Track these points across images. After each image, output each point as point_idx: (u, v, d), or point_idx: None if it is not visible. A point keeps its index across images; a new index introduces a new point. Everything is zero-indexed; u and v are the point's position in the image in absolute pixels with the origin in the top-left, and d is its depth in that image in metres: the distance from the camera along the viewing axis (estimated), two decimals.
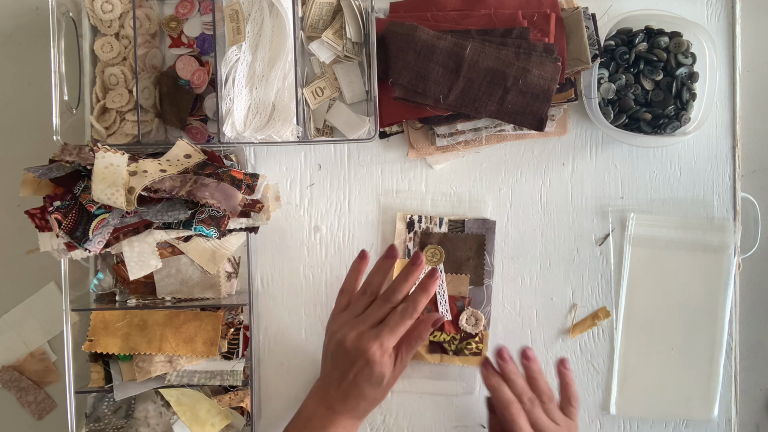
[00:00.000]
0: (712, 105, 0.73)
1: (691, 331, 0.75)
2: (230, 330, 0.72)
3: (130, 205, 0.61)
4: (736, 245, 0.75)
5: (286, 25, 0.68)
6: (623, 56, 0.73)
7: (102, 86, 0.71)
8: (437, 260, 0.74)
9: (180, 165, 0.65)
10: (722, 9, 0.76)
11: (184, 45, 0.74)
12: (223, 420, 0.70)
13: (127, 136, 0.71)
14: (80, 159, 0.63)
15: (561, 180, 0.76)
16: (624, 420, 0.76)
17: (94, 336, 0.69)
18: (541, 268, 0.76)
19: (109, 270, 0.72)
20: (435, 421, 0.75)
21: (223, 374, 0.69)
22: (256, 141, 0.68)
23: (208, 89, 0.73)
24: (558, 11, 0.71)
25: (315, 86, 0.73)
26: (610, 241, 0.76)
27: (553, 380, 0.75)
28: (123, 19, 0.71)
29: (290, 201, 0.75)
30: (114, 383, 0.69)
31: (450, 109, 0.70)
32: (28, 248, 0.67)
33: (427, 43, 0.68)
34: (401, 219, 0.75)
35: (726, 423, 0.76)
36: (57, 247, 0.64)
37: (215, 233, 0.65)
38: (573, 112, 0.75)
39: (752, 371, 0.78)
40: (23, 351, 0.76)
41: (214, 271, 0.71)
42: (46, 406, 0.77)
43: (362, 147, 0.75)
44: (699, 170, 0.76)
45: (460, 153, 0.75)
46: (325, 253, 0.75)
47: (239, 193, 0.65)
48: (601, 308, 0.76)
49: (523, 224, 0.76)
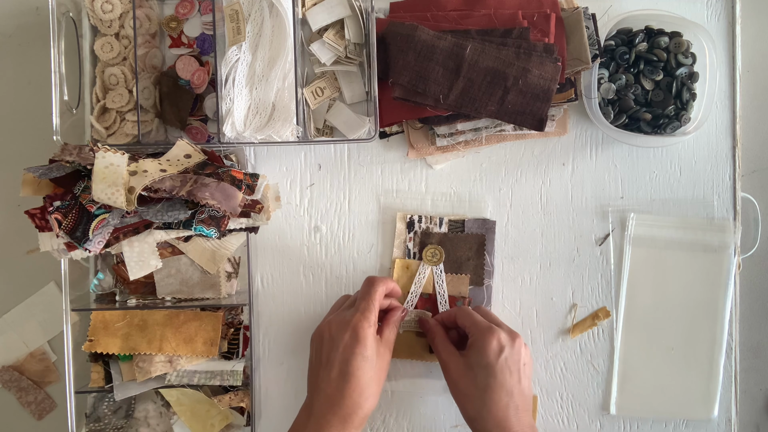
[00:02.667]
0: (712, 105, 0.73)
1: (691, 331, 0.75)
2: (230, 330, 0.72)
3: (130, 205, 0.61)
4: (736, 245, 0.75)
5: (286, 25, 0.68)
6: (623, 56, 0.73)
7: (102, 86, 0.71)
8: (437, 260, 0.74)
9: (180, 165, 0.65)
10: (722, 9, 0.76)
11: (184, 45, 0.74)
12: (223, 420, 0.70)
13: (127, 136, 0.71)
14: (80, 159, 0.63)
15: (561, 180, 0.76)
16: (624, 420, 0.76)
17: (94, 336, 0.69)
18: (541, 268, 0.76)
19: (109, 270, 0.72)
20: (435, 421, 0.75)
21: (223, 374, 0.69)
22: (256, 141, 0.68)
23: (208, 89, 0.73)
24: (558, 11, 0.71)
25: (315, 86, 0.73)
26: (610, 241, 0.76)
27: (553, 380, 0.76)
28: (123, 19, 0.71)
29: (290, 201, 0.75)
30: (114, 383, 0.69)
31: (450, 109, 0.70)
32: (28, 248, 0.67)
33: (427, 43, 0.69)
34: (401, 219, 0.75)
35: (726, 423, 0.76)
36: (57, 247, 0.64)
37: (215, 233, 0.65)
38: (573, 112, 0.75)
39: (752, 371, 0.78)
40: (23, 351, 0.76)
41: (214, 271, 0.71)
42: (46, 406, 0.77)
43: (362, 147, 0.75)
44: (699, 170, 0.76)
45: (460, 153, 0.75)
46: (325, 253, 0.75)
47: (239, 193, 0.65)
48: (601, 308, 0.76)
49: (523, 224, 0.76)
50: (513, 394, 0.62)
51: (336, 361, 0.62)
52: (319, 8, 0.71)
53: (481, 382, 0.63)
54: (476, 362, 0.64)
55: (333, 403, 0.61)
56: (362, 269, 0.75)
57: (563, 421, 0.76)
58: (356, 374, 0.61)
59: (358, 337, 0.62)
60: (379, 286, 0.65)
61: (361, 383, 0.61)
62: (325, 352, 0.63)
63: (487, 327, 0.65)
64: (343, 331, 0.62)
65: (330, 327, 0.64)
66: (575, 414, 0.76)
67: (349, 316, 0.63)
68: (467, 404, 0.64)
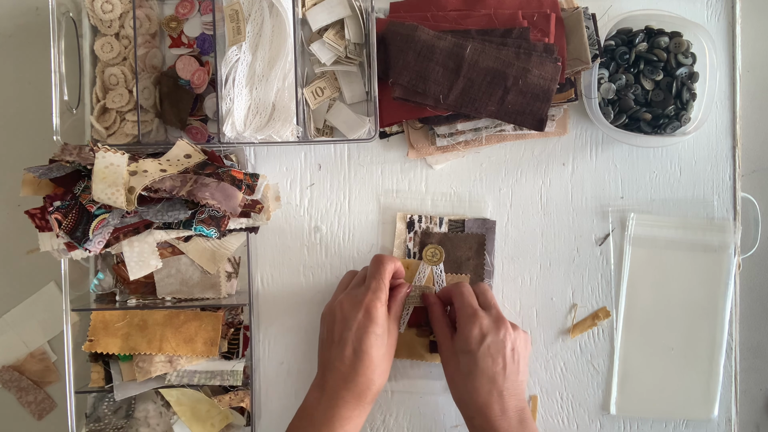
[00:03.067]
0: (712, 105, 0.73)
1: (691, 331, 0.75)
2: (230, 330, 0.72)
3: (130, 205, 0.61)
4: (736, 245, 0.75)
5: (286, 25, 0.68)
6: (623, 56, 0.73)
7: (102, 86, 0.71)
8: (437, 260, 0.74)
9: (180, 165, 0.65)
10: (722, 9, 0.76)
11: (184, 45, 0.74)
12: (223, 420, 0.70)
13: (127, 136, 0.71)
14: (80, 159, 0.63)
15: (561, 180, 0.76)
16: (624, 420, 0.76)
17: (94, 336, 0.69)
18: (541, 268, 0.76)
19: (109, 270, 0.72)
20: (435, 421, 0.75)
21: (223, 374, 0.69)
22: (256, 141, 0.68)
23: (208, 89, 0.73)
24: (558, 11, 0.71)
25: (315, 86, 0.73)
26: (610, 241, 0.76)
27: (553, 380, 0.76)
28: (123, 19, 0.71)
29: (290, 201, 0.75)
30: (114, 383, 0.69)
31: (450, 109, 0.70)
32: (28, 248, 0.67)
33: (427, 43, 0.69)
34: (401, 219, 0.75)
35: (726, 423, 0.76)
36: (57, 247, 0.64)
37: (215, 233, 0.65)
38: (573, 112, 0.75)
39: (752, 371, 0.78)
40: (23, 351, 0.76)
41: (214, 271, 0.71)
42: (46, 406, 0.77)
43: (362, 147, 0.75)
44: (699, 170, 0.76)
45: (460, 153, 0.75)
46: (325, 253, 0.75)
47: (239, 193, 0.65)
48: (601, 308, 0.76)
49: (523, 224, 0.76)
50: (496, 381, 0.63)
51: (349, 339, 0.63)
52: (319, 8, 0.71)
53: (464, 368, 0.64)
54: (460, 348, 0.65)
55: (347, 380, 0.63)
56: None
57: (563, 421, 0.76)
58: (369, 352, 0.63)
59: (371, 316, 0.63)
60: (388, 264, 0.66)
61: (374, 361, 0.63)
62: (337, 331, 0.64)
63: (471, 313, 0.65)
64: (356, 310, 0.64)
65: (342, 306, 0.65)
66: (575, 414, 0.76)
67: (361, 295, 0.65)
68: (452, 388, 0.67)
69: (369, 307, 0.63)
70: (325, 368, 0.64)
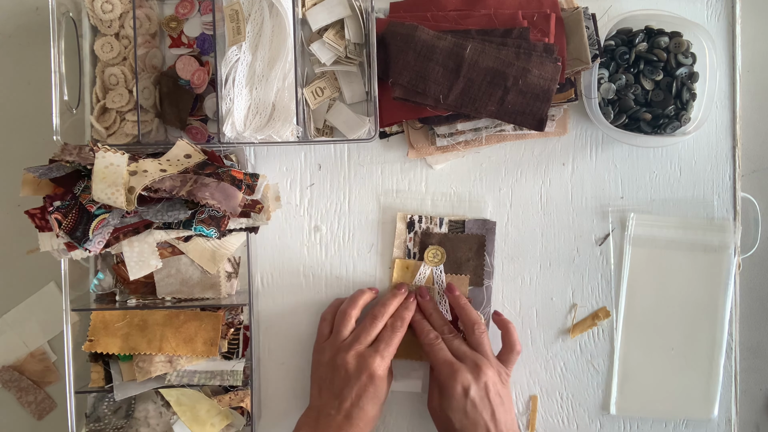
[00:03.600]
0: (712, 105, 0.73)
1: (691, 331, 0.75)
2: (230, 330, 0.72)
3: (130, 205, 0.61)
4: (736, 245, 0.75)
5: (286, 25, 0.68)
6: (623, 56, 0.73)
7: (102, 86, 0.71)
8: (438, 261, 0.74)
9: (180, 165, 0.65)
10: (722, 9, 0.76)
11: (184, 45, 0.74)
12: (223, 420, 0.70)
13: (127, 136, 0.71)
14: (80, 159, 0.63)
15: (561, 180, 0.76)
16: (624, 420, 0.76)
17: (94, 336, 0.69)
18: (541, 268, 0.76)
19: (109, 270, 0.72)
20: None
21: (223, 374, 0.69)
22: (256, 141, 0.68)
23: (208, 89, 0.73)
24: (558, 11, 0.71)
25: (315, 86, 0.73)
26: (610, 241, 0.76)
27: (553, 380, 0.76)
28: (123, 19, 0.71)
29: (290, 201, 0.75)
30: (114, 383, 0.69)
31: (450, 109, 0.70)
32: (28, 248, 0.67)
33: (427, 43, 0.69)
34: (401, 219, 0.75)
35: (726, 423, 0.76)
36: (57, 247, 0.64)
37: (215, 233, 0.65)
38: (573, 112, 0.75)
39: (752, 371, 0.78)
40: (23, 351, 0.76)
41: (214, 271, 0.71)
42: (46, 406, 0.77)
43: (362, 147, 0.75)
44: (699, 170, 0.76)
45: (460, 153, 0.75)
46: (325, 253, 0.75)
47: (239, 193, 0.64)
48: (601, 308, 0.76)
49: (523, 224, 0.76)
50: (490, 428, 0.65)
51: (349, 397, 0.65)
52: (319, 8, 0.71)
53: (457, 425, 0.65)
54: (447, 407, 0.66)
55: (340, 428, 0.64)
56: (362, 269, 0.75)
57: (563, 421, 0.76)
58: (366, 408, 0.65)
59: (374, 379, 0.65)
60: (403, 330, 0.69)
61: (369, 415, 0.65)
62: (338, 384, 0.66)
63: (448, 372, 0.66)
64: (362, 371, 0.65)
65: (347, 365, 0.66)
66: (575, 414, 0.76)
67: (368, 355, 0.66)
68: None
69: (375, 372, 0.65)
70: (320, 411, 0.66)
